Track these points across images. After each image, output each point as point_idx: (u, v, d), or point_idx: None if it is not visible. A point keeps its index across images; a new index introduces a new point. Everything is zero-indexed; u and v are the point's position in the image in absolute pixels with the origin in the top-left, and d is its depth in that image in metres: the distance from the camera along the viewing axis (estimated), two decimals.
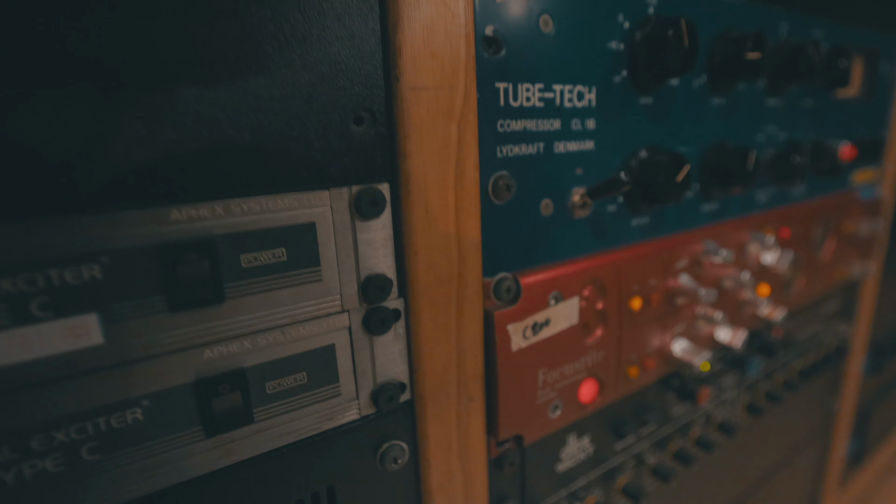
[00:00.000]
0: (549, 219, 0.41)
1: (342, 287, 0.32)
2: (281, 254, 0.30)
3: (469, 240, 0.36)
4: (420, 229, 0.33)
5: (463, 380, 0.38)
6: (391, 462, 0.36)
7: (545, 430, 0.44)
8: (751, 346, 0.67)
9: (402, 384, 0.36)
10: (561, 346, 0.43)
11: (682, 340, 0.53)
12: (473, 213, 0.36)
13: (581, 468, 0.50)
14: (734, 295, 0.59)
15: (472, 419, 0.39)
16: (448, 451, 0.39)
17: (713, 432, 0.65)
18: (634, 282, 0.47)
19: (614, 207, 0.45)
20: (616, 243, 0.47)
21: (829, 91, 0.65)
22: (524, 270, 0.40)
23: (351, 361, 0.34)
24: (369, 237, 0.33)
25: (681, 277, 0.51)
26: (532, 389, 0.41)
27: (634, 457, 0.56)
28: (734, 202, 0.58)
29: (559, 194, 0.41)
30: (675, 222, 0.52)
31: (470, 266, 0.36)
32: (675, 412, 0.59)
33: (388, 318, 0.34)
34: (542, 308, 0.41)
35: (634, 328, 0.48)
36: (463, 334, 0.37)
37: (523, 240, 0.40)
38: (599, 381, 0.47)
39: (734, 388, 0.67)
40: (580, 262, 0.43)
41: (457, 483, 0.40)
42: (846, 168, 0.73)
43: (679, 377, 0.58)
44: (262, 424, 0.31)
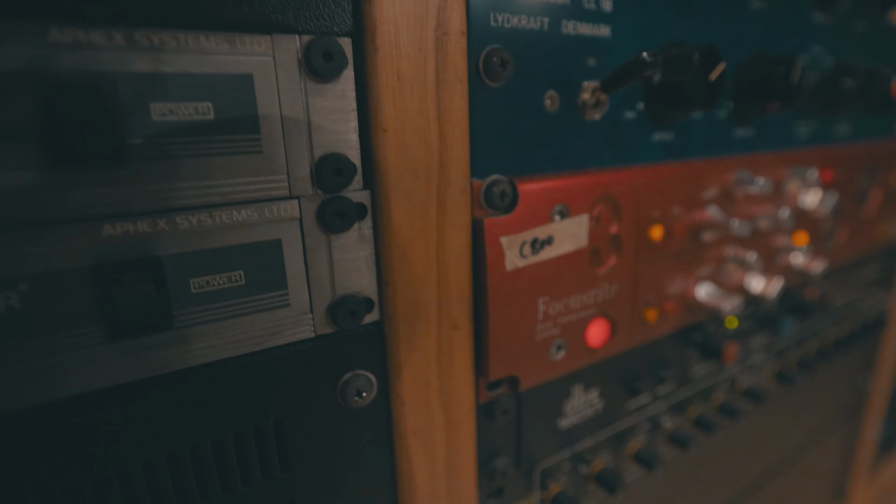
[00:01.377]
0: (554, 116, 0.34)
1: (290, 166, 0.26)
2: (206, 109, 0.23)
3: (454, 122, 0.29)
4: (390, 99, 0.27)
5: (445, 301, 0.32)
6: (354, 395, 0.30)
7: (546, 374, 0.37)
8: (783, 304, 0.59)
9: (368, 300, 0.30)
10: (566, 272, 0.36)
11: (708, 285, 0.46)
12: (459, 89, 0.29)
13: (587, 426, 0.44)
14: (769, 239, 0.51)
15: (456, 352, 0.33)
16: (426, 388, 0.32)
17: (739, 399, 0.58)
18: (655, 206, 0.40)
19: (633, 114, 0.38)
20: (634, 160, 0.40)
21: (884, 12, 0.57)
22: (523, 177, 0.33)
23: (303, 265, 0.27)
24: (326, 104, 0.26)
25: (709, 209, 0.44)
26: (530, 321, 0.35)
27: (649, 419, 0.49)
28: (771, 132, 0.50)
29: (566, 87, 0.34)
30: (702, 145, 0.44)
31: (454, 156, 0.30)
32: (696, 372, 0.52)
33: (349, 211, 0.27)
34: (544, 222, 0.34)
35: (654, 262, 0.41)
36: (445, 242, 0.31)
37: (522, 138, 0.33)
38: (611, 322, 0.40)
39: (763, 351, 0.60)
40: (592, 175, 0.36)
41: (437, 428, 0.33)
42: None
43: (702, 331, 0.51)
44: (185, 332, 0.25)
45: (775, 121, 0.50)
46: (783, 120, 0.51)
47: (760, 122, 0.48)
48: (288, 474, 0.29)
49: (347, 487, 0.32)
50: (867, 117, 0.61)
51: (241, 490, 0.28)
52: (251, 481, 0.28)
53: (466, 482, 0.36)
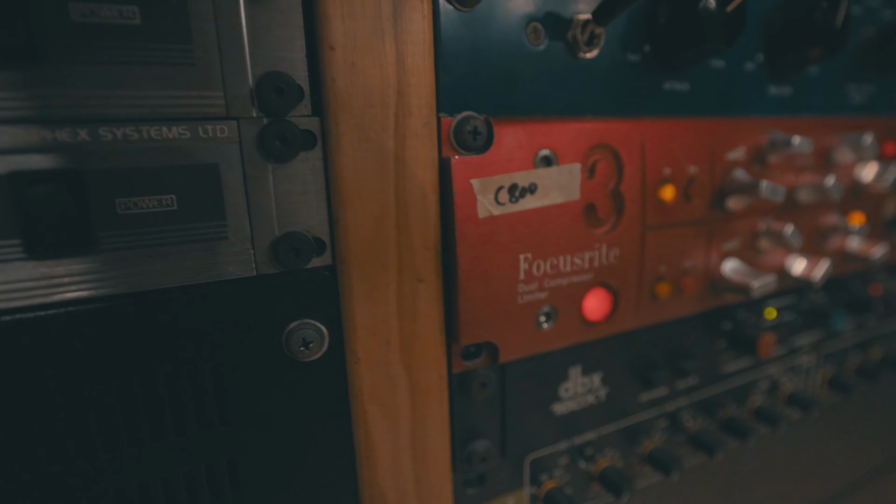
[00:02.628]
0: (539, 53, 0.31)
1: (227, 83, 0.24)
2: (131, 13, 0.22)
3: (415, 44, 0.26)
4: (339, 14, 0.25)
5: (407, 249, 0.28)
6: (299, 346, 0.27)
7: (533, 346, 0.33)
8: (837, 296, 0.51)
9: (318, 240, 0.27)
10: (555, 227, 0.32)
11: (736, 261, 0.40)
12: (420, 8, 0.26)
13: (589, 416, 0.38)
14: (813, 214, 0.45)
15: (421, 308, 0.29)
16: (385, 346, 0.29)
17: (780, 405, 0.50)
18: (666, 162, 0.35)
19: (637, 57, 0.34)
20: (641, 111, 0.35)
21: None
22: (501, 117, 0.30)
23: (244, 194, 0.25)
24: (268, 17, 0.24)
25: (734, 172, 0.38)
26: (510, 280, 0.31)
27: (667, 416, 0.43)
28: (815, 93, 0.44)
29: (553, 19, 0.31)
30: (727, 101, 0.39)
31: (415, 82, 0.27)
32: (728, 367, 0.46)
33: (293, 137, 0.25)
34: (525, 167, 0.30)
35: (666, 229, 0.36)
36: (406, 180, 0.28)
37: (501, 74, 0.30)
38: (613, 294, 0.35)
39: (812, 350, 0.52)
40: (585, 122, 0.32)
41: (400, 394, 0.30)
42: None
43: (733, 319, 0.45)
44: (111, 256, 0.23)
45: (820, 80, 0.44)
46: (830, 80, 0.45)
47: (801, 80, 0.42)
48: (228, 428, 0.27)
49: (298, 451, 0.29)
50: None
51: (175, 440, 0.26)
52: (186, 431, 0.26)
53: (437, 462, 0.32)
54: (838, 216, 0.46)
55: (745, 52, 0.39)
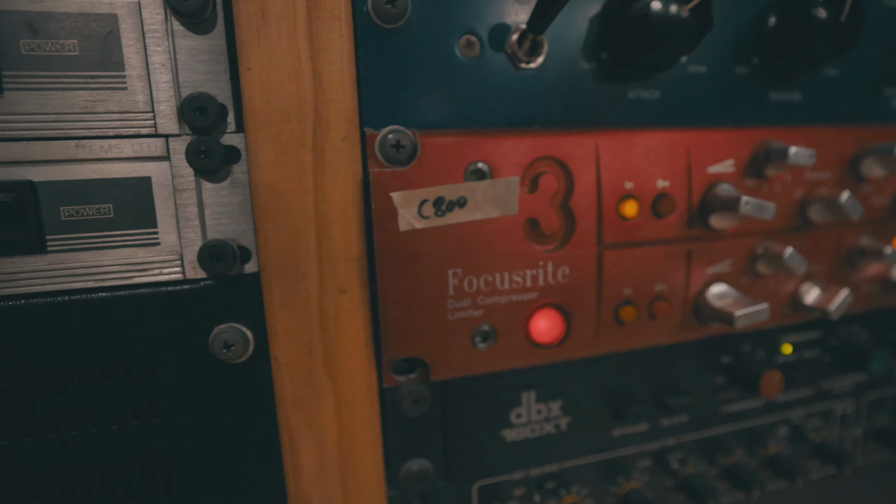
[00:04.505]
0: (474, 65, 0.30)
1: (156, 105, 0.27)
2: (72, 46, 0.25)
3: (332, 62, 0.27)
4: (254, 38, 0.26)
5: (329, 260, 0.29)
6: (221, 347, 0.28)
7: (469, 365, 0.32)
8: (877, 331, 0.43)
9: (243, 249, 0.29)
10: (491, 242, 0.31)
11: (723, 286, 0.36)
12: (338, 29, 0.27)
13: (548, 446, 0.36)
14: (842, 235, 0.39)
15: (345, 318, 0.30)
16: (308, 354, 0.30)
17: (804, 456, 0.43)
18: (628, 176, 0.33)
19: (593, 65, 0.32)
20: (602, 122, 0.33)
21: None
22: (435, 130, 0.30)
23: (174, 205, 0.28)
24: (193, 45, 0.27)
25: (717, 187, 0.34)
26: (437, 295, 0.30)
27: (650, 455, 0.39)
28: (834, 99, 0.38)
29: (488, 30, 0.30)
30: (714, 109, 0.35)
31: (332, 99, 0.28)
32: (731, 407, 0.40)
33: (216, 152, 0.27)
34: (454, 180, 0.30)
35: (630, 247, 0.33)
36: (325, 193, 0.28)
37: (433, 88, 0.30)
38: (565, 316, 0.33)
39: (850, 395, 0.44)
40: (528, 134, 0.31)
41: (324, 404, 0.30)
42: None
43: (734, 350, 0.40)
44: (57, 257, 0.27)
45: (840, 83, 0.38)
46: (853, 83, 0.39)
47: (812, 84, 0.37)
48: (161, 421, 0.29)
49: (228, 449, 0.30)
50: None
51: (111, 428, 0.28)
52: (119, 419, 0.29)
53: (368, 476, 0.32)
54: (872, 239, 0.39)
55: (736, 56, 0.35)
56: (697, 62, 0.34)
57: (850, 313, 0.42)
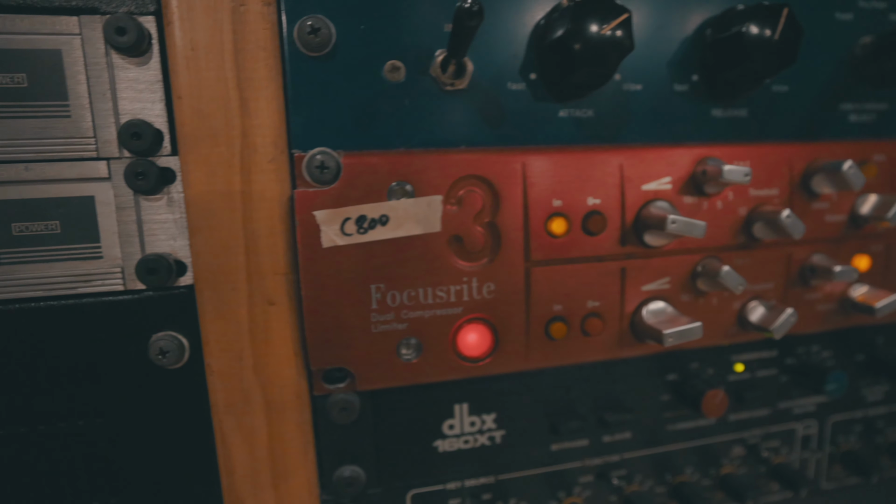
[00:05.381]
0: (400, 89, 0.31)
1: (97, 131, 0.29)
2: (21, 79, 0.28)
3: (258, 90, 0.29)
4: (185, 68, 0.28)
5: (257, 274, 0.31)
6: (157, 354, 0.30)
7: (396, 376, 0.33)
8: (838, 351, 0.42)
9: (179, 262, 0.31)
10: (414, 259, 0.32)
11: (661, 304, 0.36)
12: (264, 58, 0.29)
13: (483, 459, 0.37)
14: (781, 253, 0.38)
15: (274, 329, 0.32)
16: (238, 362, 0.31)
17: (762, 477, 0.42)
18: (557, 194, 0.33)
19: (522, 86, 0.33)
20: (533, 141, 0.34)
21: None
22: (362, 151, 0.31)
23: (115, 221, 0.30)
24: (131, 76, 0.29)
25: (650, 205, 0.34)
26: (360, 309, 0.31)
27: (592, 471, 0.39)
28: (786, 115, 0.38)
29: (416, 55, 0.31)
30: (651, 127, 0.35)
31: (259, 123, 0.30)
32: (683, 424, 0.40)
33: (151, 173, 0.29)
34: (376, 199, 0.31)
35: (559, 264, 0.34)
36: (253, 212, 0.30)
37: (358, 111, 0.31)
38: (493, 330, 0.34)
39: (812, 417, 0.43)
40: (451, 153, 0.32)
41: (255, 408, 0.32)
42: None
43: (682, 368, 0.39)
44: (8, 269, 0.29)
45: (790, 101, 0.38)
46: (805, 99, 0.38)
47: (759, 101, 0.37)
48: (104, 421, 0.31)
49: (167, 449, 0.32)
50: None
51: (59, 427, 0.31)
52: (66, 418, 0.31)
53: (300, 479, 0.33)
54: (825, 257, 0.38)
55: (674, 73, 0.35)
56: (633, 80, 0.35)
57: (809, 332, 0.41)
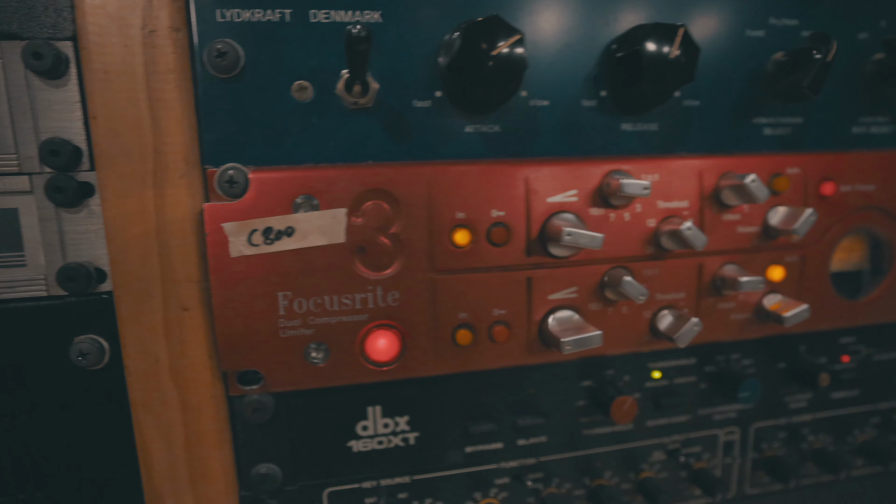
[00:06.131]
0: (307, 107, 0.33)
1: (19, 148, 0.31)
2: None
3: (169, 110, 0.31)
4: (98, 90, 0.31)
5: (171, 281, 0.33)
6: (77, 356, 0.33)
7: (306, 379, 0.35)
8: (760, 358, 0.43)
9: (100, 270, 0.33)
10: (320, 268, 0.33)
11: (567, 312, 0.37)
12: (174, 81, 0.31)
13: (398, 460, 0.38)
14: (692, 263, 0.39)
15: (188, 333, 0.33)
16: (155, 364, 0.33)
17: (683, 483, 0.43)
18: (460, 207, 0.35)
19: (427, 103, 0.35)
20: (439, 156, 0.35)
21: None
22: (271, 167, 0.33)
23: (38, 232, 0.32)
24: (50, 97, 0.31)
25: (557, 216, 0.36)
26: (268, 315, 0.33)
27: (508, 473, 0.40)
28: (693, 127, 0.39)
29: (322, 76, 0.33)
30: (559, 143, 0.37)
31: (171, 141, 0.32)
32: (601, 429, 0.41)
33: (69, 188, 0.31)
34: (282, 212, 0.33)
35: (463, 273, 0.35)
36: (167, 223, 0.32)
37: (268, 128, 0.33)
38: (401, 336, 0.35)
39: (733, 423, 0.44)
40: (354, 168, 0.34)
41: (172, 407, 0.34)
42: None
43: (599, 374, 0.40)
44: None
45: (703, 115, 0.39)
46: (719, 114, 0.39)
47: (670, 115, 0.38)
48: (28, 418, 0.34)
49: (91, 447, 0.34)
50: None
51: None
52: None
53: (218, 476, 0.35)
54: (737, 268, 0.39)
55: (582, 89, 0.37)
56: (540, 96, 0.36)
57: (729, 340, 0.42)
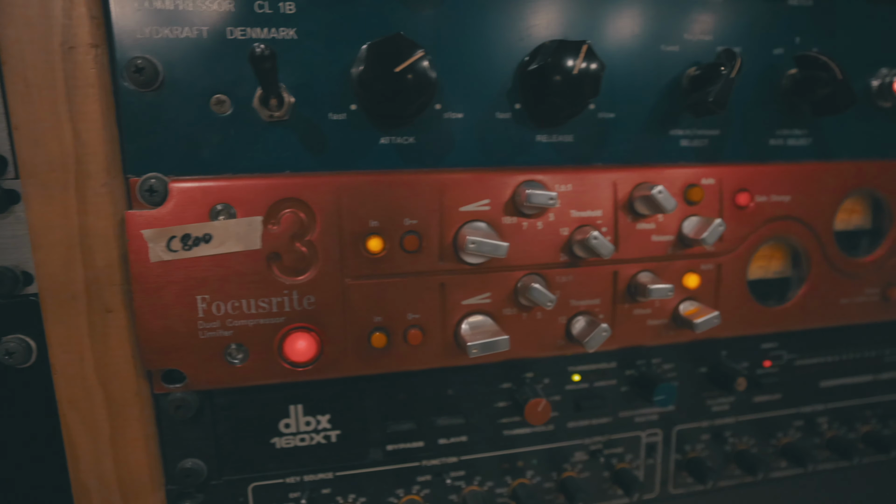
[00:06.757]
0: (225, 120, 0.35)
1: None
2: None
3: (90, 122, 0.33)
4: (19, 103, 0.32)
5: (95, 284, 0.35)
6: (4, 355, 0.34)
7: (226, 378, 0.36)
8: (681, 362, 0.44)
9: (27, 273, 0.35)
10: (237, 273, 0.35)
11: (481, 317, 0.38)
12: (93, 94, 0.33)
13: (320, 456, 0.40)
14: (606, 270, 0.40)
15: (112, 333, 0.35)
16: (80, 363, 0.35)
17: (603, 481, 0.44)
18: (373, 215, 0.36)
19: (343, 116, 0.36)
20: (354, 166, 0.37)
21: None
22: (186, 177, 0.35)
23: None
24: None
25: (468, 225, 0.37)
26: (188, 317, 0.35)
27: (430, 471, 0.42)
28: (609, 139, 0.40)
29: (240, 90, 0.35)
30: (474, 153, 0.38)
31: (92, 152, 0.33)
32: (522, 430, 0.43)
33: None
34: (200, 220, 0.34)
35: (377, 278, 0.37)
36: (88, 230, 0.34)
37: (188, 140, 0.35)
38: (318, 338, 0.37)
39: (656, 426, 0.45)
40: (268, 178, 0.35)
41: (96, 404, 0.36)
42: None
43: (517, 376, 0.42)
44: None
45: (619, 127, 0.40)
46: (634, 126, 0.40)
47: (585, 127, 0.39)
48: None
49: (20, 441, 0.36)
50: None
51: None
52: None
53: (142, 471, 0.37)
54: (651, 275, 0.40)
55: (496, 102, 0.38)
56: (454, 109, 0.38)
57: (649, 345, 0.43)
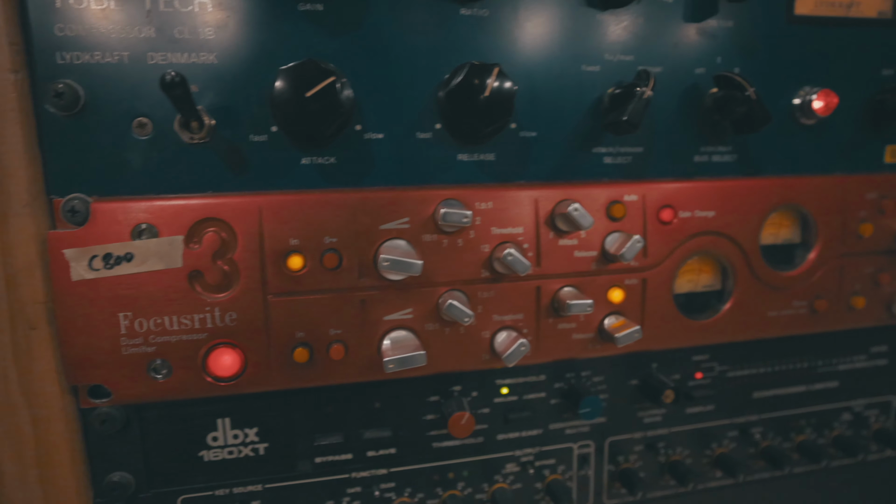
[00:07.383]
0: (147, 142, 0.36)
1: None
2: None
3: (9, 145, 0.34)
4: None
5: (18, 301, 0.35)
6: None
7: (150, 393, 0.37)
8: (612, 375, 0.45)
9: None
10: (159, 291, 0.36)
11: (402, 333, 0.39)
12: (12, 118, 0.34)
13: (248, 469, 0.40)
14: (529, 286, 0.41)
15: (36, 350, 0.36)
16: (3, 378, 0.36)
17: (538, 492, 0.45)
18: (293, 234, 0.37)
19: (263, 137, 0.37)
20: (275, 186, 0.38)
21: None
22: (108, 198, 0.35)
23: None
24: None
25: (387, 243, 0.38)
26: (110, 333, 0.36)
27: (359, 483, 0.42)
28: (530, 157, 0.41)
29: (159, 112, 0.36)
30: (395, 173, 0.39)
31: (13, 172, 0.34)
32: (449, 442, 0.43)
33: None
34: (121, 239, 0.35)
35: (297, 295, 0.38)
36: (10, 247, 0.35)
37: (111, 162, 0.36)
38: (242, 353, 0.38)
39: (587, 437, 0.46)
40: (189, 198, 0.36)
41: (22, 419, 0.37)
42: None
43: (445, 390, 0.43)
44: None
45: (540, 146, 0.41)
46: (556, 144, 0.41)
47: (506, 146, 0.40)
48: None
49: None
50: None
51: None
52: None
53: (69, 485, 0.38)
54: (574, 290, 0.41)
55: (416, 123, 0.39)
56: (374, 130, 0.39)
57: (576, 359, 0.44)
